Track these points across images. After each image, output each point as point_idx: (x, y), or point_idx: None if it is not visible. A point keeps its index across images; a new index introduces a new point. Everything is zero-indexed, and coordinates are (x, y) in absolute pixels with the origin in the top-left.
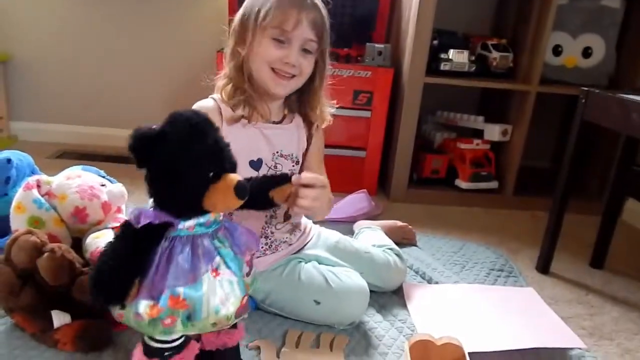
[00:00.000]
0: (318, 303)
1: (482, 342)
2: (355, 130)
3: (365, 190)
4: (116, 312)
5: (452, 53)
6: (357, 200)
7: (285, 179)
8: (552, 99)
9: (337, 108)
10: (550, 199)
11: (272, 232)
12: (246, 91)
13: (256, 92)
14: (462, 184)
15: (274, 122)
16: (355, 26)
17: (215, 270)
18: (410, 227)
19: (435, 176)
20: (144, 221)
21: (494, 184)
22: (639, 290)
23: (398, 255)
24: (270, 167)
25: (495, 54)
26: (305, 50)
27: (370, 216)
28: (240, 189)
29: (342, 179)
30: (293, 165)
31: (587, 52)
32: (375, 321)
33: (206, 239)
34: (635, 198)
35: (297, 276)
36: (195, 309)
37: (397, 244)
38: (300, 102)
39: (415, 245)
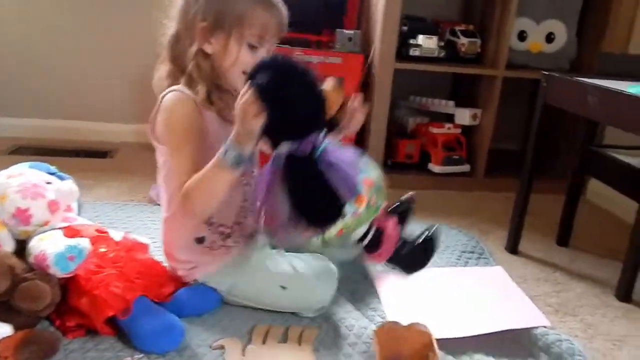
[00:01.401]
0: (284, 288)
1: (451, 329)
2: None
3: None
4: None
5: (421, 39)
6: None
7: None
8: (520, 82)
9: None
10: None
11: (245, 217)
12: (224, 93)
13: (225, 86)
14: (434, 168)
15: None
16: (326, 12)
17: None
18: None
19: (409, 161)
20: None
21: (465, 167)
22: (602, 266)
23: None
24: None
25: (463, 40)
26: (269, 51)
27: None
28: (339, 82)
29: None
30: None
31: (550, 38)
32: (345, 311)
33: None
34: (595, 177)
35: (263, 263)
36: (377, 184)
37: None
38: None
39: None
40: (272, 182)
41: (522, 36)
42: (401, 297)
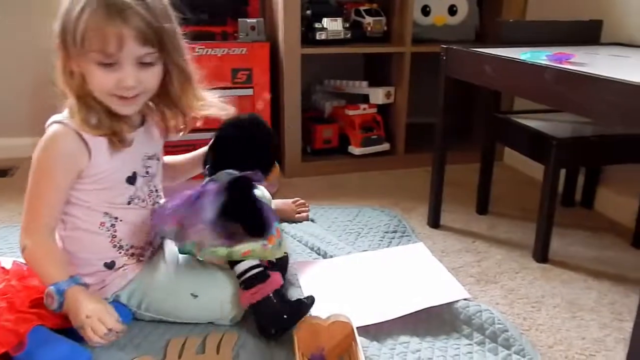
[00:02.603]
0: (195, 296)
1: (371, 315)
2: (240, 110)
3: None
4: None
5: (325, 22)
6: None
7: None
8: (431, 56)
9: (216, 89)
10: None
11: (154, 234)
12: (101, 110)
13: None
14: (354, 150)
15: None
16: (229, 3)
17: None
18: (301, 200)
19: (328, 146)
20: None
21: (385, 146)
22: (520, 229)
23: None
24: (143, 175)
25: (368, 19)
26: (143, 64)
27: None
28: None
29: None
30: (157, 162)
31: (452, 10)
32: None
33: None
34: (503, 143)
35: (171, 272)
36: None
37: (292, 221)
38: (162, 106)
39: (309, 220)
40: (199, 197)
41: (425, 11)
42: (323, 289)
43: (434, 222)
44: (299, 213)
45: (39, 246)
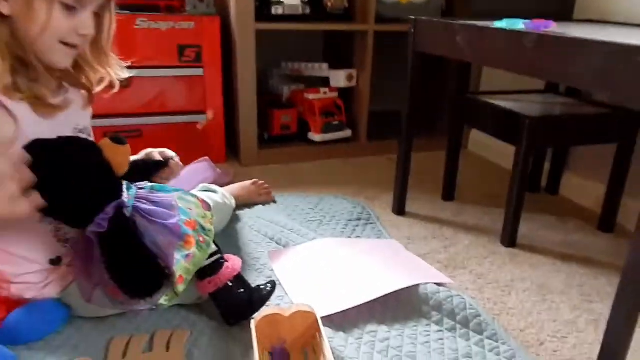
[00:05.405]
0: None
1: (338, 302)
2: (190, 92)
3: (207, 157)
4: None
5: None
6: (198, 171)
7: (163, 164)
8: (394, 40)
9: (162, 68)
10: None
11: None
12: (32, 68)
13: (35, 62)
14: (315, 136)
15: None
16: None
17: None
18: (260, 181)
19: (286, 132)
20: (104, 220)
21: (347, 133)
22: (487, 215)
23: (212, 190)
24: None
25: None
26: (96, 14)
27: (219, 185)
28: (116, 139)
29: (185, 148)
30: (90, 138)
31: None
32: None
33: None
34: (472, 125)
35: None
36: (200, 222)
37: (255, 203)
38: (79, 66)
39: (274, 202)
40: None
41: None
42: (297, 274)
43: (399, 209)
44: (260, 195)
45: None
